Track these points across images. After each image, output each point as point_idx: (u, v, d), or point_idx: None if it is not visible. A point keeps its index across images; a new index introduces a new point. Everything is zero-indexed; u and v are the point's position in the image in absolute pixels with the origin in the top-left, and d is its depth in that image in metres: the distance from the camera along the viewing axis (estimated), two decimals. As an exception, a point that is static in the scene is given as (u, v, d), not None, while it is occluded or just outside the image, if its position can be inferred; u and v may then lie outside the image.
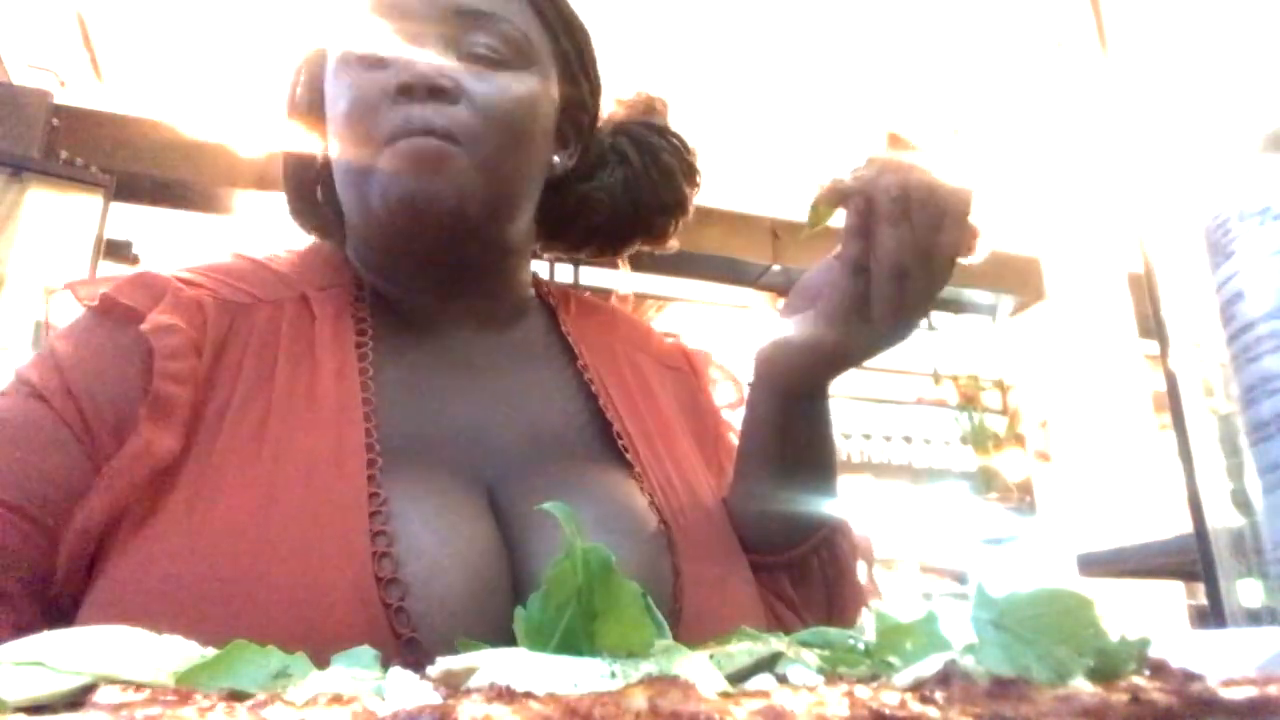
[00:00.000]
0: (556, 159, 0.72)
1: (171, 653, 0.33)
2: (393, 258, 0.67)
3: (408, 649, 0.48)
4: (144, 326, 0.56)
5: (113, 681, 0.28)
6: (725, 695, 0.20)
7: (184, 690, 0.28)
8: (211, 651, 0.33)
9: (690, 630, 0.55)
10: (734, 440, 0.73)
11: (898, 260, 0.54)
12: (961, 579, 4.89)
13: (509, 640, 0.50)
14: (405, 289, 0.68)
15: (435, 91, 0.60)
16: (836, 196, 0.58)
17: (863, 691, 0.19)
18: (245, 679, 0.30)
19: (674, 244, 0.82)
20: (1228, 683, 0.21)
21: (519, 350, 0.70)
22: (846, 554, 0.67)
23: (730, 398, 0.80)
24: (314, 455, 0.54)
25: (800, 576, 0.65)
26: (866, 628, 0.35)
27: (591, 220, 0.76)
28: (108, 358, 0.57)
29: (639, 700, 0.18)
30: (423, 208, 0.60)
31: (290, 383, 0.58)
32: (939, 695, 0.19)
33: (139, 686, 0.28)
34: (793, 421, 0.64)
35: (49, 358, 0.57)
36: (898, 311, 0.56)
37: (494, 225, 0.65)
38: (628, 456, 0.64)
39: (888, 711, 0.17)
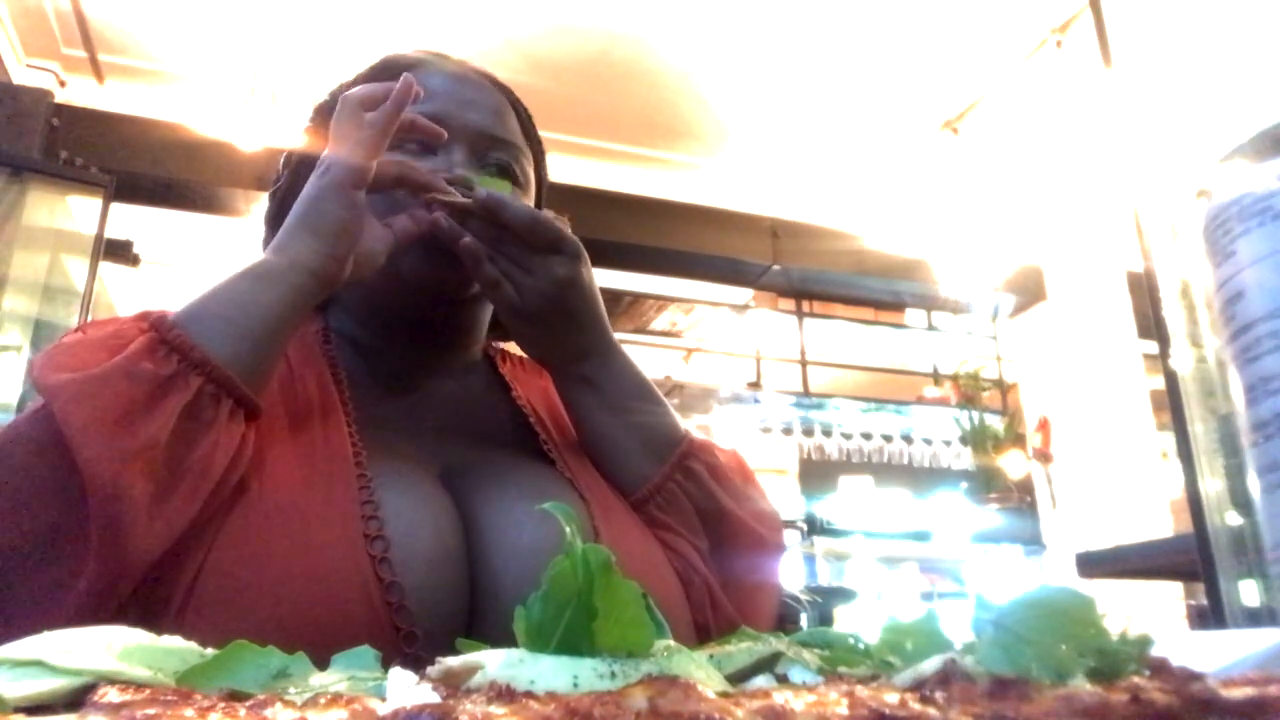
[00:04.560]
0: None
1: (171, 653, 0.33)
2: (382, 313, 0.81)
3: (390, 592, 0.58)
4: None
5: (113, 681, 0.28)
6: (725, 695, 0.20)
7: (184, 690, 0.28)
8: (211, 652, 0.33)
9: None
10: None
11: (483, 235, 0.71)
12: (961, 579, 4.89)
13: (466, 590, 0.63)
14: (388, 340, 0.81)
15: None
16: None
17: (863, 691, 0.19)
18: (245, 679, 0.30)
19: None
20: (1228, 683, 0.21)
21: (466, 389, 0.84)
22: (704, 472, 0.77)
23: None
24: (307, 441, 0.66)
25: (666, 502, 0.76)
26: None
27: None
28: None
29: (639, 700, 0.18)
30: (433, 287, 0.76)
31: (269, 395, 0.68)
32: (939, 695, 0.19)
33: (139, 687, 0.28)
34: (570, 390, 0.79)
35: None
36: (507, 269, 0.72)
37: (471, 305, 0.82)
38: (551, 456, 0.78)
39: (888, 711, 0.17)
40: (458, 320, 0.83)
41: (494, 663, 0.25)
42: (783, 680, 0.31)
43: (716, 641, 0.35)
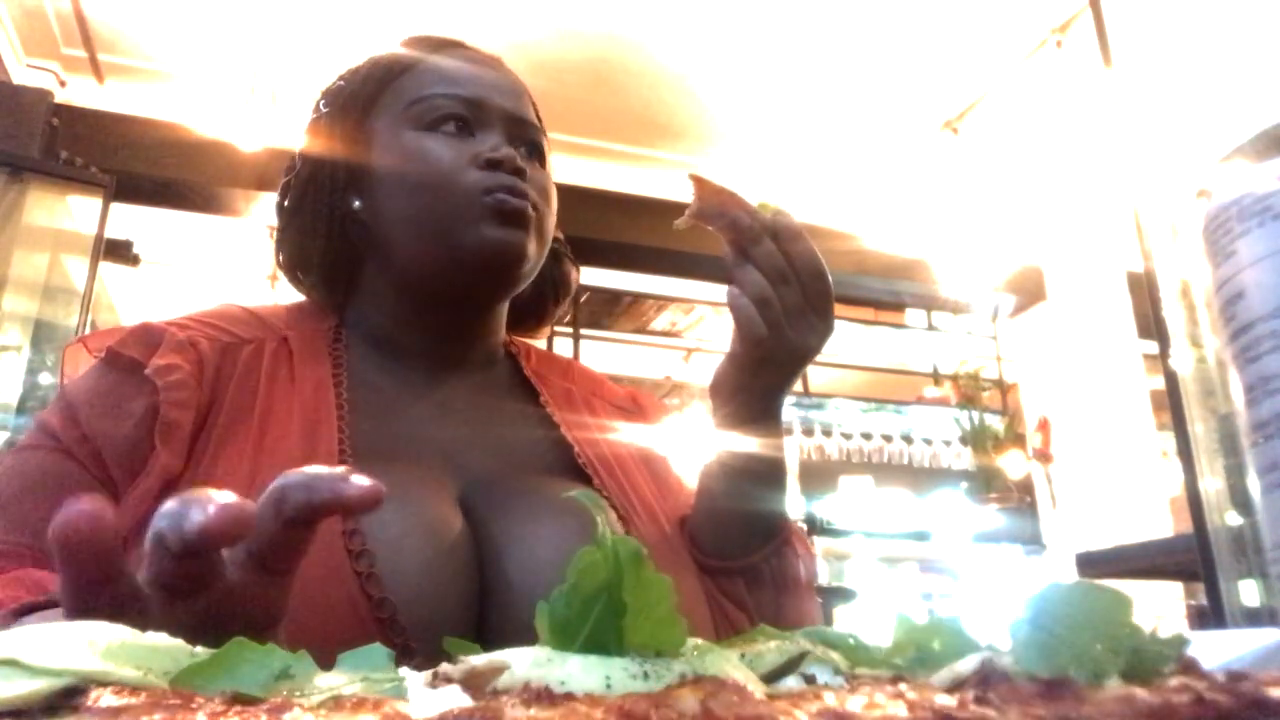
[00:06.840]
0: None
1: (159, 651, 0.30)
2: (420, 298, 0.77)
3: (380, 608, 0.57)
4: (148, 370, 0.66)
5: (96, 682, 0.25)
6: (774, 697, 0.19)
7: (184, 693, 0.26)
8: (201, 650, 0.30)
9: None
10: (675, 469, 0.85)
11: (775, 267, 0.64)
12: (959, 579, 4.89)
13: (473, 603, 0.60)
14: (410, 330, 0.78)
15: (518, 170, 0.74)
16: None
17: (916, 693, 0.18)
18: (245, 680, 0.28)
19: (544, 332, 0.94)
20: (1275, 682, 0.20)
21: (488, 388, 0.81)
22: (794, 564, 0.76)
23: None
24: (290, 457, 0.63)
25: (753, 581, 0.74)
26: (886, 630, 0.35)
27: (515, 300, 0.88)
28: (115, 400, 0.66)
29: (690, 703, 0.17)
30: (509, 252, 0.73)
31: (269, 403, 0.68)
32: (993, 696, 0.19)
33: (133, 689, 0.26)
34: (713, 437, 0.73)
35: (67, 407, 0.67)
36: (788, 312, 0.65)
37: (524, 282, 0.78)
38: (587, 472, 0.75)
39: (950, 713, 0.16)
40: (493, 305, 0.80)
41: (521, 662, 0.23)
42: (810, 681, 0.30)
43: (743, 640, 0.34)
